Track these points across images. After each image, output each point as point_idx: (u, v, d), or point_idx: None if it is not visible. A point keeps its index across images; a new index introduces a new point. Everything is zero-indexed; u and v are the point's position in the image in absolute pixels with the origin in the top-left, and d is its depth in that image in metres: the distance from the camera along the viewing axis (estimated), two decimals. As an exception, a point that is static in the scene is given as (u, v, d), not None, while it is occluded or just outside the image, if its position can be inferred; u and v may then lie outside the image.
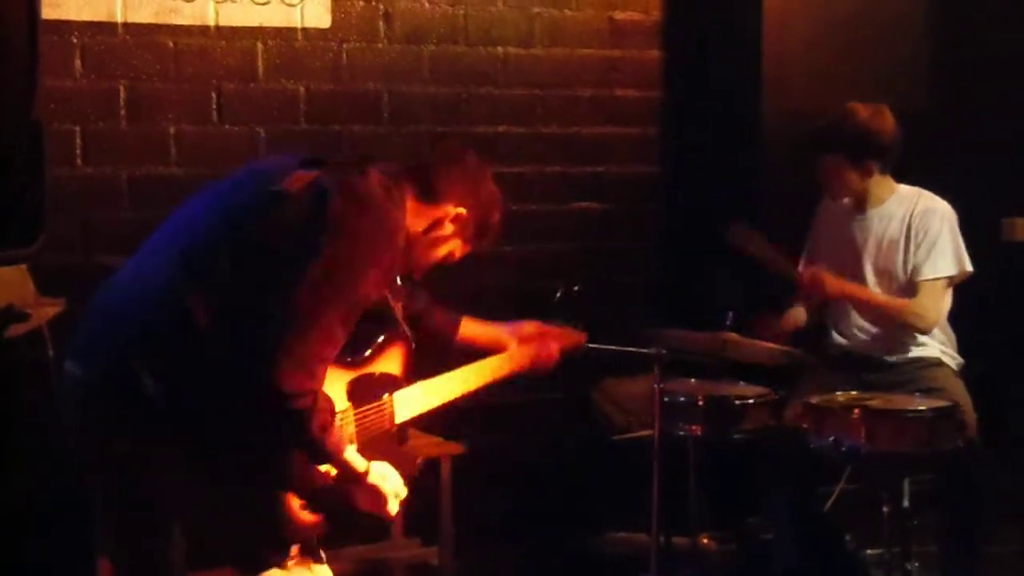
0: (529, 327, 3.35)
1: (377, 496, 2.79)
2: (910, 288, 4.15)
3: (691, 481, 4.12)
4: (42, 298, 3.54)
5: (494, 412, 4.78)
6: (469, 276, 4.75)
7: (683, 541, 4.23)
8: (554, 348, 3.34)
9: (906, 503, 3.88)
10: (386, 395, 2.88)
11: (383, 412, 2.88)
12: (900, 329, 4.17)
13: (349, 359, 2.81)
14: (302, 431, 2.54)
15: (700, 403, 4.00)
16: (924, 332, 4.15)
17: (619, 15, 5.01)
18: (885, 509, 3.84)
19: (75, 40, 4.12)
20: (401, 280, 3.01)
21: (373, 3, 4.57)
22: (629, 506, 4.31)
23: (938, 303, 4.14)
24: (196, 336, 2.55)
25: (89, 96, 4.15)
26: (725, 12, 5.00)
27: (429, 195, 2.89)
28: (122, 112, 4.20)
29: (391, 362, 2.92)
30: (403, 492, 2.86)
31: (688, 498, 4.13)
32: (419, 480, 4.31)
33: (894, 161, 4.21)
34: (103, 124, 4.18)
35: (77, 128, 4.14)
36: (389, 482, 2.81)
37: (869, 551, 4.15)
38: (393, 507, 2.83)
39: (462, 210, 2.91)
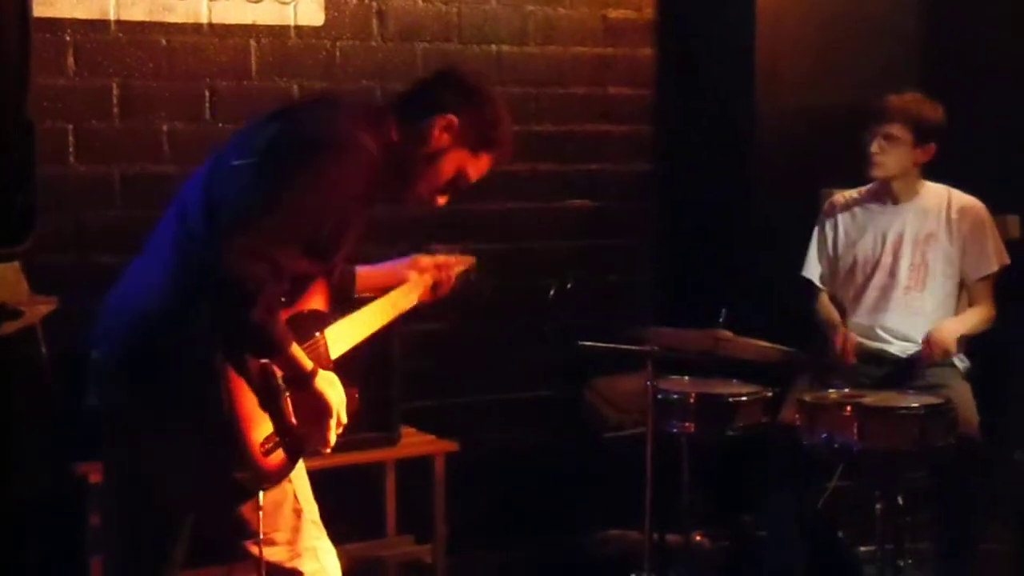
0: (424, 259, 3.25)
1: (320, 405, 2.69)
2: (941, 281, 4.22)
3: (684, 478, 4.12)
4: (35, 296, 3.53)
5: (487, 410, 4.81)
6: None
7: (676, 539, 4.24)
8: (451, 272, 3.25)
9: (899, 500, 3.88)
10: (317, 333, 2.84)
11: (318, 349, 2.83)
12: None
13: (283, 299, 2.76)
14: (246, 310, 2.47)
15: (693, 400, 4.00)
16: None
17: (612, 13, 5.01)
18: (878, 506, 3.84)
19: (68, 38, 4.11)
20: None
21: (366, 1, 4.57)
22: (622, 503, 4.31)
23: (993, 295, 4.25)
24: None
25: (82, 94, 4.14)
26: (718, 10, 5.00)
27: (414, 114, 2.83)
28: (115, 110, 4.20)
29: (316, 298, 2.86)
30: (344, 416, 2.76)
31: (681, 495, 4.13)
32: (412, 478, 4.35)
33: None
34: (96, 122, 4.17)
35: (70, 126, 4.13)
36: (335, 390, 2.72)
37: (862, 548, 4.15)
38: (333, 425, 2.73)
39: (452, 117, 2.82)
